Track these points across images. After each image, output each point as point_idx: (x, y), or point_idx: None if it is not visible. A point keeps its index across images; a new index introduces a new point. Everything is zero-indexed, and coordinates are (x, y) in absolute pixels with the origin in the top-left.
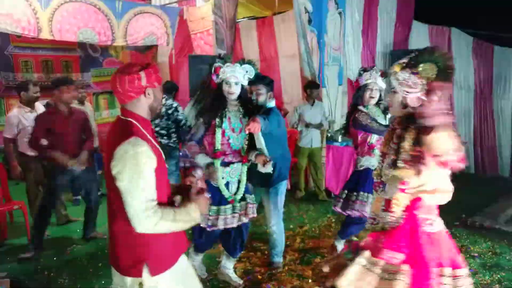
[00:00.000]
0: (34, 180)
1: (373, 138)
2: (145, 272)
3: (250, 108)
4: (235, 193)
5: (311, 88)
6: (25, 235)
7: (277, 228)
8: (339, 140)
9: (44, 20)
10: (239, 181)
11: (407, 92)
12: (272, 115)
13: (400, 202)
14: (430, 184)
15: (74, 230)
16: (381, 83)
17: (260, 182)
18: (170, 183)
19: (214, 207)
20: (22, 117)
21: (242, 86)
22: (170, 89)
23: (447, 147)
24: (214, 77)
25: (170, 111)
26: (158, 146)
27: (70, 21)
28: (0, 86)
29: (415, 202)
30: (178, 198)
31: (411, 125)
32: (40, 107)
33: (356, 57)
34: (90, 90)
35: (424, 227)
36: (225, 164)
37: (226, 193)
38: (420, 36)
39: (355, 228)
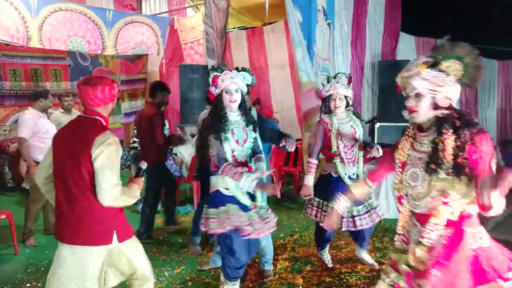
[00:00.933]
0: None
1: (334, 147)
2: (115, 239)
3: (249, 116)
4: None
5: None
6: (11, 245)
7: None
8: None
9: (33, 29)
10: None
11: (437, 92)
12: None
13: (442, 215)
14: (473, 193)
15: None
16: (344, 91)
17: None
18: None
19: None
20: (38, 121)
21: (242, 94)
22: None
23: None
24: (212, 89)
25: None
26: None
27: (60, 29)
28: None
29: (464, 218)
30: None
31: (447, 130)
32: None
33: (345, 67)
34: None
35: (476, 243)
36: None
37: (245, 201)
38: (407, 47)
39: (325, 236)
